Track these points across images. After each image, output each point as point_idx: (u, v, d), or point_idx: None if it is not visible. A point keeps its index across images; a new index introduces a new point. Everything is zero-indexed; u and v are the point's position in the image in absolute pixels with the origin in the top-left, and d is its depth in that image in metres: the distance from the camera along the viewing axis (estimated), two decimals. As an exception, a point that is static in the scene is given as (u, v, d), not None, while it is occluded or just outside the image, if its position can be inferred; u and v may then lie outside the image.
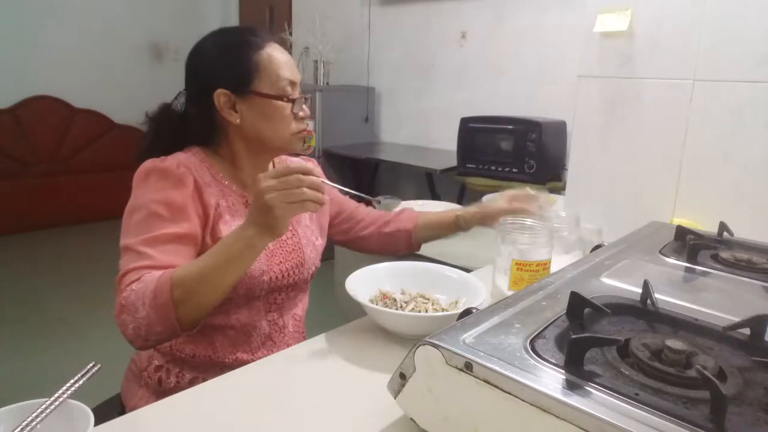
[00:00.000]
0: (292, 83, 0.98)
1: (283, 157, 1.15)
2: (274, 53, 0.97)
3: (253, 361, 0.96)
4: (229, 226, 0.94)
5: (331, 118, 3.47)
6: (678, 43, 1.16)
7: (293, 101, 0.97)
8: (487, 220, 1.14)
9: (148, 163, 0.93)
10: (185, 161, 0.93)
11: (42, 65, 4.12)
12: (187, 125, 1.00)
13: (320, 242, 1.12)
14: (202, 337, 0.95)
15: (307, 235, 1.07)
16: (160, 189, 0.89)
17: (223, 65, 0.96)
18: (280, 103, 0.96)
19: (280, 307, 1.02)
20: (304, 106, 1.01)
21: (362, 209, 1.22)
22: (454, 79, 3.36)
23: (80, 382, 0.60)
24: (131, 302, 0.78)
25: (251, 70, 0.94)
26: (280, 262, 0.98)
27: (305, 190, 0.76)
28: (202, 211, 0.92)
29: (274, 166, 1.10)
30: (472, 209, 1.17)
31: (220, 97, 0.94)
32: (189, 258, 0.88)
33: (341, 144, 3.48)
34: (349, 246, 1.23)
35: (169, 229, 0.86)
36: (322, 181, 0.80)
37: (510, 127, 2.60)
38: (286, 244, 1.01)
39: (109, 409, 1.00)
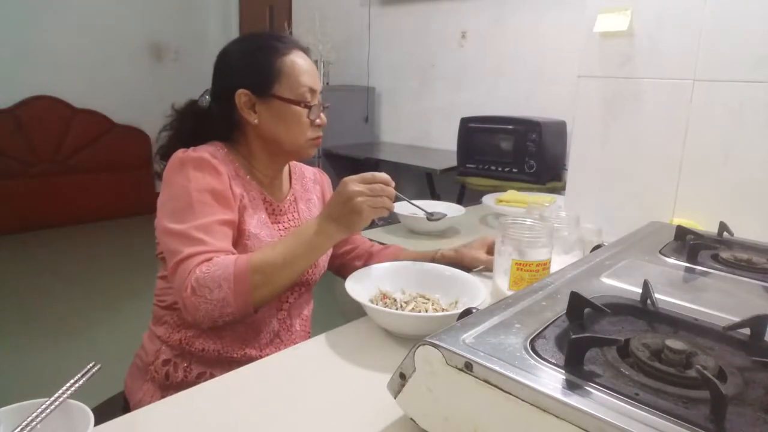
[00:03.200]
0: (312, 91, 1.01)
1: (298, 165, 1.19)
2: (298, 60, 1.00)
3: (260, 357, 0.97)
4: (253, 218, 0.98)
5: (331, 118, 3.43)
6: (678, 43, 1.16)
7: (310, 107, 1.00)
8: (462, 264, 1.12)
9: (181, 154, 0.95)
10: (214, 153, 0.97)
11: (42, 65, 4.12)
12: (209, 121, 1.04)
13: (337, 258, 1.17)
14: (212, 331, 0.96)
15: None
16: (199, 177, 0.92)
17: (247, 66, 1.00)
18: (297, 108, 0.99)
19: (290, 306, 1.05)
20: (321, 114, 1.04)
21: (358, 237, 1.24)
22: (454, 79, 3.36)
23: (80, 382, 0.60)
24: (205, 284, 0.82)
25: (273, 74, 0.98)
26: None
27: (385, 199, 0.87)
28: (232, 200, 0.95)
29: (290, 172, 1.15)
30: (449, 253, 1.15)
31: (241, 96, 0.99)
32: (231, 242, 0.92)
33: (341, 144, 3.48)
34: (336, 270, 1.23)
35: (217, 216, 0.90)
36: (396, 194, 0.91)
37: (510, 127, 2.60)
38: None
39: (109, 409, 1.00)
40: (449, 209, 1.70)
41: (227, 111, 1.01)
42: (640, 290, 0.67)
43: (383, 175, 0.89)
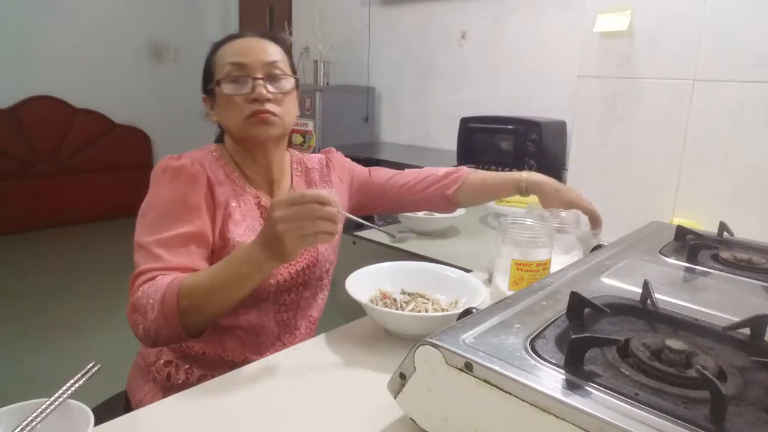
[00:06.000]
0: (239, 65, 0.95)
1: (299, 159, 1.12)
2: (230, 45, 0.99)
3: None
4: (240, 226, 0.95)
5: (331, 118, 3.47)
6: (678, 43, 1.16)
7: (218, 82, 0.95)
8: (548, 203, 1.12)
9: (164, 162, 0.94)
10: (200, 159, 0.96)
11: (42, 65, 4.12)
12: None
13: (337, 235, 1.08)
14: (212, 336, 0.95)
15: None
16: (174, 188, 0.90)
17: (203, 72, 1.03)
18: (225, 88, 0.96)
19: (290, 307, 1.02)
20: (259, 89, 0.94)
21: (401, 177, 1.20)
22: (454, 79, 3.36)
23: (80, 382, 0.60)
24: (142, 304, 0.80)
25: (211, 70, 0.99)
26: (289, 264, 0.98)
27: (319, 222, 0.72)
28: (213, 209, 0.93)
29: (291, 170, 1.09)
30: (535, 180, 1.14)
31: (204, 101, 1.02)
32: (201, 258, 0.89)
33: (341, 144, 3.47)
34: (417, 205, 1.24)
35: (182, 229, 0.87)
36: (339, 211, 0.75)
37: (510, 127, 2.60)
38: None
39: (110, 409, 1.00)
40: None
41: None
42: (640, 290, 0.67)
43: (316, 194, 0.73)
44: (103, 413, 0.61)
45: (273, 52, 0.99)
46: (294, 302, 1.02)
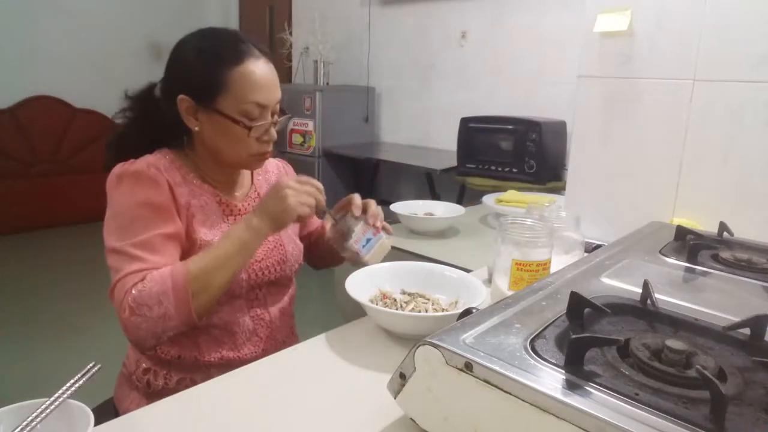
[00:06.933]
0: (262, 106, 0.94)
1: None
2: (252, 72, 0.92)
3: (238, 357, 0.97)
4: (204, 225, 0.95)
5: (331, 118, 3.47)
6: (678, 43, 1.16)
7: (250, 128, 0.93)
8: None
9: (118, 168, 0.92)
10: (155, 162, 0.93)
11: (42, 65, 4.13)
12: (160, 117, 1.00)
13: (300, 242, 1.14)
14: (186, 338, 0.95)
15: (288, 233, 1.08)
16: (137, 192, 0.89)
17: (192, 72, 0.94)
18: (240, 128, 0.93)
19: (262, 302, 1.02)
20: (272, 130, 0.97)
21: (314, 221, 1.24)
22: (454, 79, 3.36)
23: (80, 382, 0.60)
24: (143, 302, 0.80)
25: (218, 86, 0.91)
26: (261, 259, 1.00)
27: (313, 199, 0.93)
28: (177, 211, 0.93)
29: (252, 177, 1.11)
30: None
31: (183, 101, 0.94)
32: (177, 256, 0.90)
33: (341, 144, 3.48)
34: (307, 259, 1.22)
35: (156, 230, 0.87)
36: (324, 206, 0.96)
37: (510, 127, 2.60)
38: (267, 241, 1.01)
39: (106, 411, 1.00)
40: (449, 209, 1.70)
41: (175, 111, 0.95)
42: (640, 290, 0.67)
43: (317, 182, 0.95)
44: (99, 416, 0.61)
45: (278, 85, 0.98)
46: (265, 297, 1.03)
